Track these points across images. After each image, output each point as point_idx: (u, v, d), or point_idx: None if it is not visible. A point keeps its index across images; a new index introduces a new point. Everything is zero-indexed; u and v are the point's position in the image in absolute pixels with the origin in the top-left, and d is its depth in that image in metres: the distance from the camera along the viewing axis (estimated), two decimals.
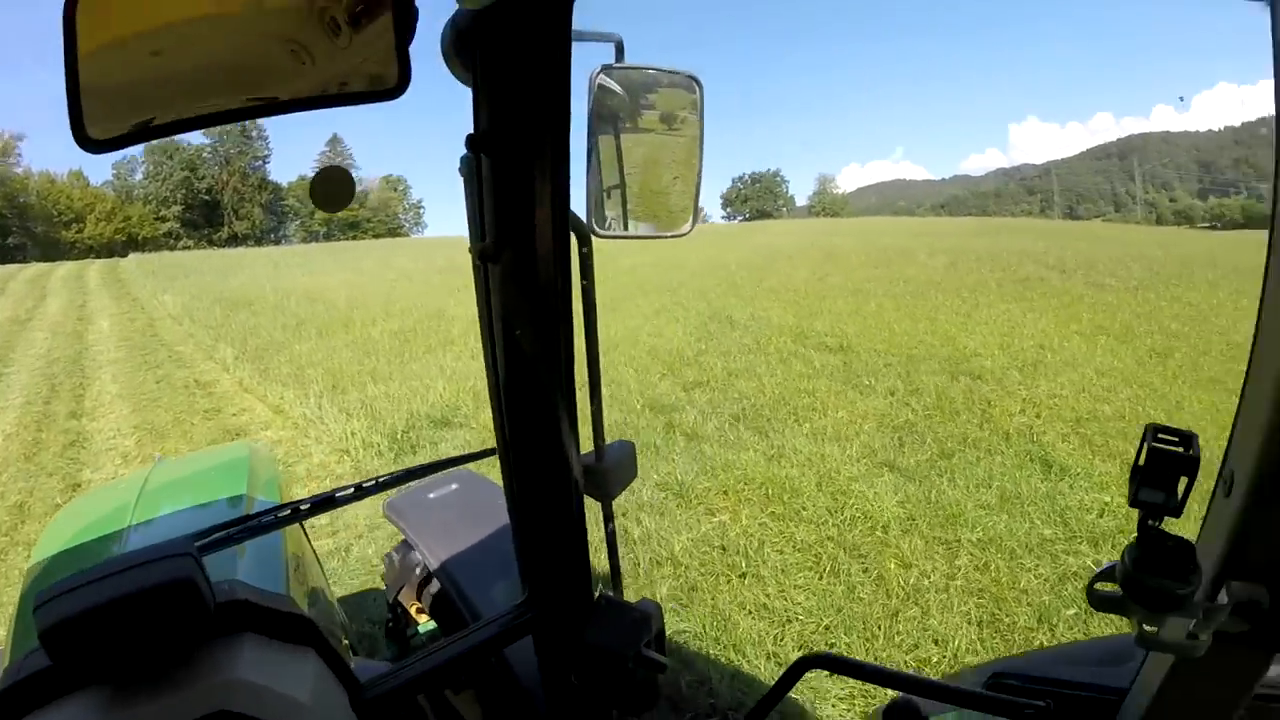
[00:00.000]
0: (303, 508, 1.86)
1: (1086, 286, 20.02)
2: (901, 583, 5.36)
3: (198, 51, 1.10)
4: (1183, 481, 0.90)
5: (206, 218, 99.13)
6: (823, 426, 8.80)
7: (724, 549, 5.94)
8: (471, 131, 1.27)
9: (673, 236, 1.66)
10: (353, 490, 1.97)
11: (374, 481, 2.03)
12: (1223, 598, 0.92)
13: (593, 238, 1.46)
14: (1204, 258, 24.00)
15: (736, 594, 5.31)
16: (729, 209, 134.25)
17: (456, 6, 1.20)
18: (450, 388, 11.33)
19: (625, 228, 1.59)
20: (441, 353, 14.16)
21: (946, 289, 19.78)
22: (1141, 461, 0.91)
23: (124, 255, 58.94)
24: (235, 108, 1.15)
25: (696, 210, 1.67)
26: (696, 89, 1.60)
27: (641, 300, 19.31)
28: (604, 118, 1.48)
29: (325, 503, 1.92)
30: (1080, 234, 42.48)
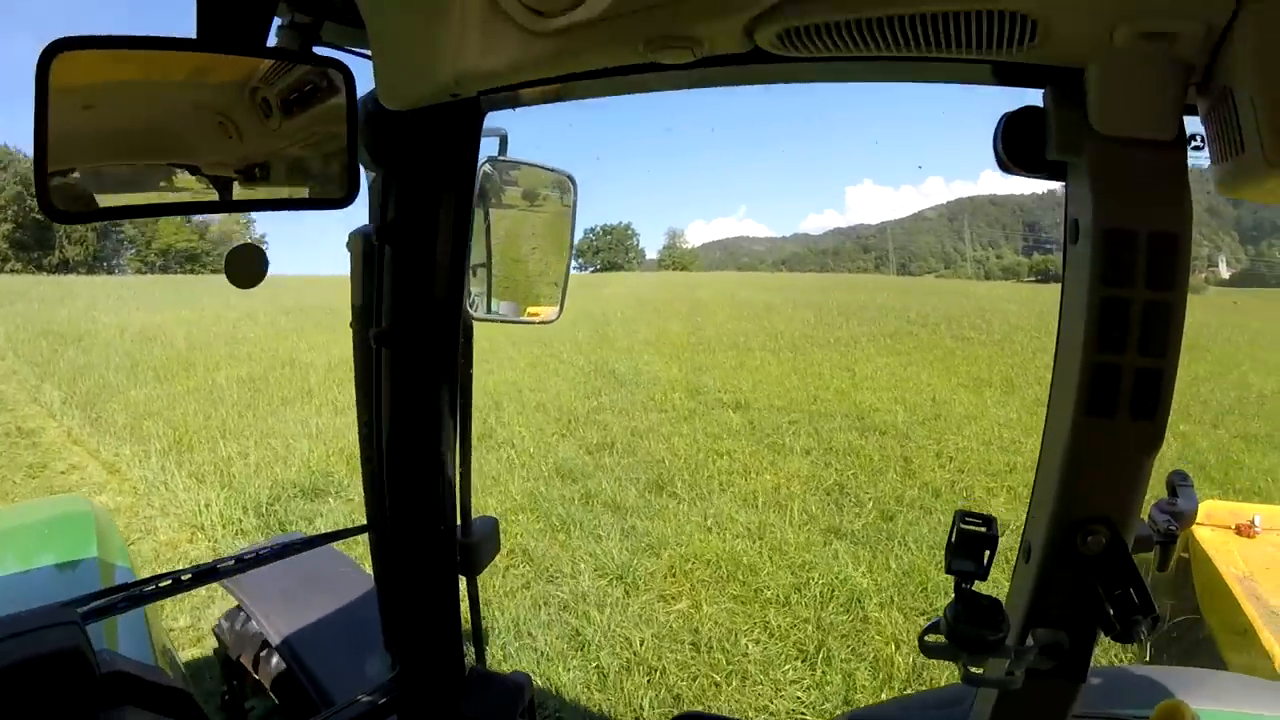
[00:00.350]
0: (184, 578, 1.76)
1: (954, 340, 20.56)
2: (901, 664, 4.81)
3: (128, 110, 1.10)
4: (986, 554, 1.05)
5: (38, 239, 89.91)
6: (751, 491, 8.25)
7: (696, 645, 5.19)
8: (377, 219, 1.35)
9: (541, 322, 1.79)
10: (234, 562, 1.88)
11: (254, 553, 1.95)
12: (1030, 641, 1.11)
13: (473, 323, 1.57)
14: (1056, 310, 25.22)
15: (730, 699, 4.58)
16: (580, 259, 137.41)
17: (370, 88, 1.22)
18: (318, 449, 9.94)
19: (505, 309, 1.73)
20: (301, 405, 12.69)
21: (821, 343, 19.95)
22: (953, 539, 1.05)
23: None
24: (184, 201, 1.16)
25: (564, 297, 1.78)
26: (571, 187, 1.75)
27: (512, 351, 18.56)
28: (487, 207, 1.61)
29: (208, 574, 1.82)
30: (926, 289, 44.59)
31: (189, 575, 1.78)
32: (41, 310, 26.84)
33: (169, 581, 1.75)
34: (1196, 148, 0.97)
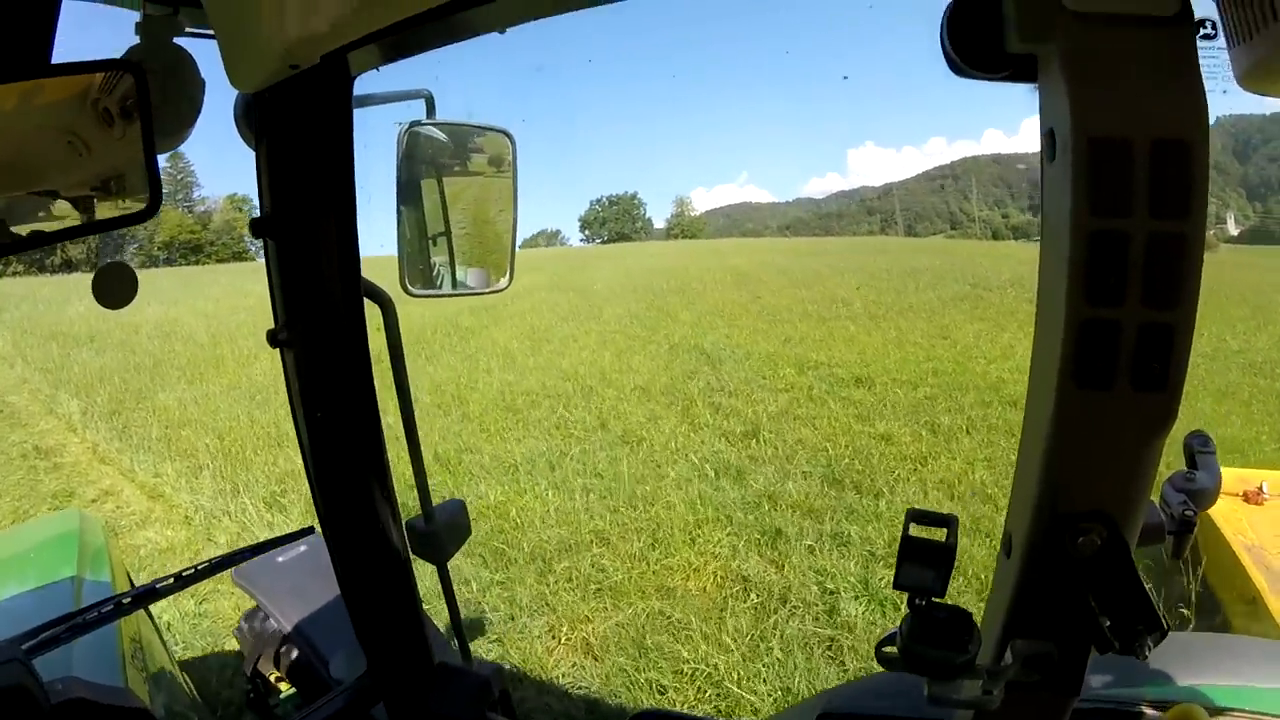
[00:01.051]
0: (125, 601, 1.77)
1: (1032, 305, 19.16)
2: None
3: None
4: (944, 565, 0.91)
5: None
6: (940, 480, 7.24)
7: None
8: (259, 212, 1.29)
9: (491, 291, 1.74)
10: (173, 580, 1.85)
11: (194, 569, 1.90)
12: (1009, 657, 0.94)
13: (396, 300, 1.52)
14: None
15: None
16: (587, 231, 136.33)
17: None
18: (404, 456, 8.45)
19: (449, 281, 1.70)
20: None
21: (897, 310, 18.66)
22: (903, 546, 0.92)
23: None
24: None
25: (513, 263, 1.74)
26: (509, 144, 1.68)
27: (569, 328, 17.38)
28: (414, 174, 1.58)
29: (148, 594, 1.81)
30: (965, 252, 43.99)
31: (129, 599, 1.77)
32: (48, 311, 24.82)
33: (111, 607, 1.73)
34: (1207, 35, 0.76)
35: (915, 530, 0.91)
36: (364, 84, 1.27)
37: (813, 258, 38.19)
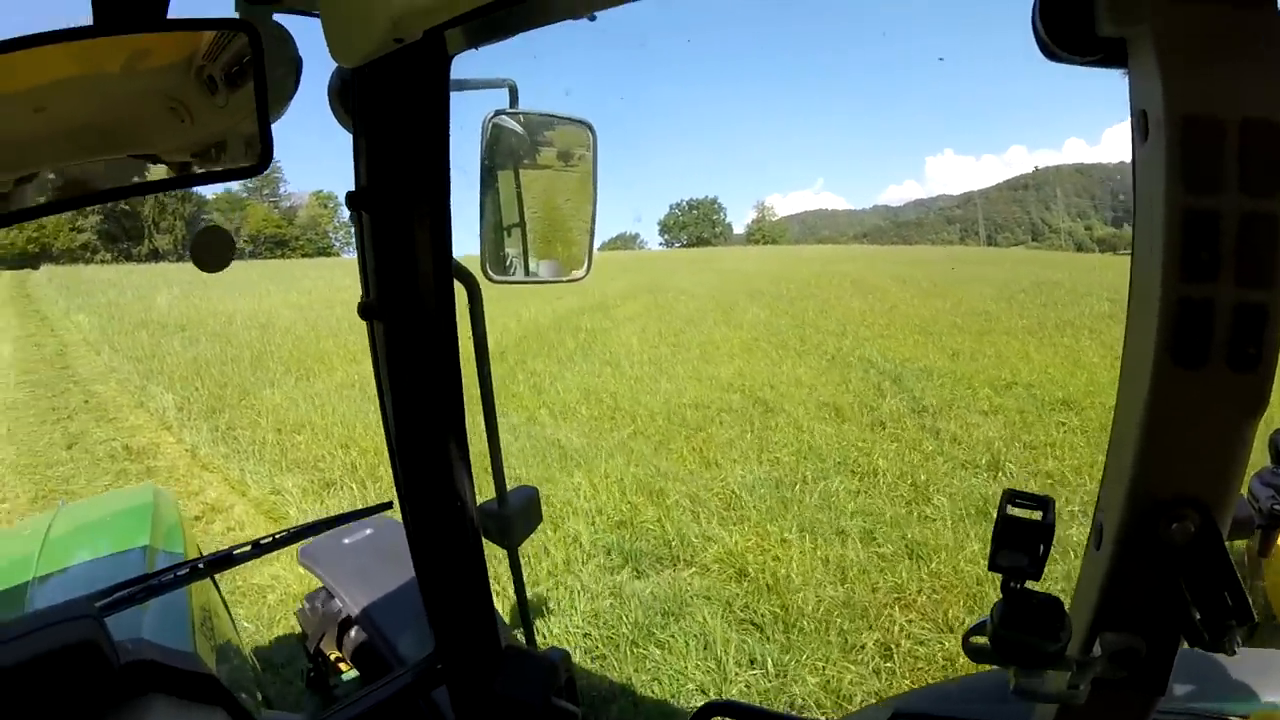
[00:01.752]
0: (201, 566, 1.83)
1: None
2: None
3: (80, 107, 1.10)
4: (1041, 547, 0.85)
5: (126, 230, 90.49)
6: None
7: None
8: (351, 189, 1.29)
9: (568, 280, 1.76)
10: (250, 547, 1.88)
11: (272, 538, 1.94)
12: (1097, 649, 0.89)
13: (483, 286, 1.55)
14: None
15: None
16: (666, 235, 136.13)
17: None
18: (588, 481, 7.11)
19: (524, 268, 1.69)
20: (513, 410, 9.79)
21: (1052, 325, 17.17)
22: (999, 527, 0.86)
23: (35, 267, 54.13)
24: (109, 187, 1.15)
25: (591, 253, 1.76)
26: (590, 135, 1.70)
27: (701, 333, 16.37)
28: (498, 162, 1.60)
29: (224, 560, 1.85)
30: (1070, 264, 42.30)
31: (204, 564, 1.83)
32: (136, 300, 24.05)
33: (186, 570, 1.79)
34: None
35: (1013, 511, 0.82)
36: (453, 70, 1.24)
37: (922, 266, 37.03)
